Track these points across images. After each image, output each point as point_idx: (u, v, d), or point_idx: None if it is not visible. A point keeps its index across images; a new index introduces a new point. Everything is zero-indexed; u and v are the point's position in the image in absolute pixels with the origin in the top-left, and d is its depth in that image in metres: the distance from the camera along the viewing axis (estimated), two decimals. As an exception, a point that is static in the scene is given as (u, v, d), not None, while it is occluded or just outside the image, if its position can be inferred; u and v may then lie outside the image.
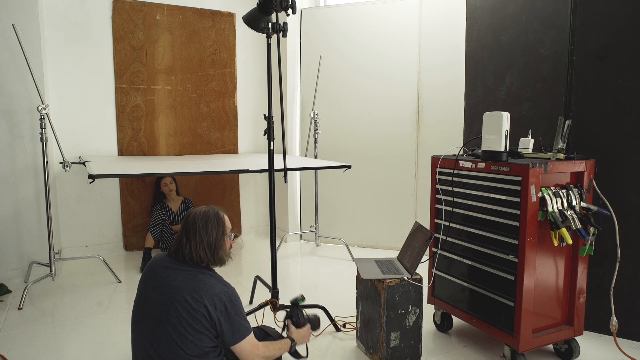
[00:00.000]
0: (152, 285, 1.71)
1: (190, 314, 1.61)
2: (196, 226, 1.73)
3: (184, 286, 1.64)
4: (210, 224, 1.75)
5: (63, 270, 3.81)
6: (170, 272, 1.70)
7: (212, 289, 1.65)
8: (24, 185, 3.62)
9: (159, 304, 1.65)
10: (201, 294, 1.63)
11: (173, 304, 1.62)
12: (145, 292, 1.72)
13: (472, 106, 3.25)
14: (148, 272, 1.76)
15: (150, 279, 1.73)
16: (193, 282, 1.66)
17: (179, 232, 1.77)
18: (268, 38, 2.50)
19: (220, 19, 4.63)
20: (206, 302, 1.62)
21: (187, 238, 1.72)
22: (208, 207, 1.80)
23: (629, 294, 2.55)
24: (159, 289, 1.67)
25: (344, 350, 2.52)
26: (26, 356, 2.44)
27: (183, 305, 1.61)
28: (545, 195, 2.16)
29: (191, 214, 1.77)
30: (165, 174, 3.67)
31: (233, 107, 4.78)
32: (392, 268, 2.42)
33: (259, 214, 5.13)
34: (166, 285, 1.66)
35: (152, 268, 1.76)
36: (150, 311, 1.67)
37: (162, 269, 1.73)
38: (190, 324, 1.61)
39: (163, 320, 1.62)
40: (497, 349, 2.52)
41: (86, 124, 4.14)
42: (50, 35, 3.92)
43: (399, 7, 4.24)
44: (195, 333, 1.62)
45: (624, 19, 2.48)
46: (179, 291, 1.63)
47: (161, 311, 1.63)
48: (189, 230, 1.73)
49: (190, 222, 1.75)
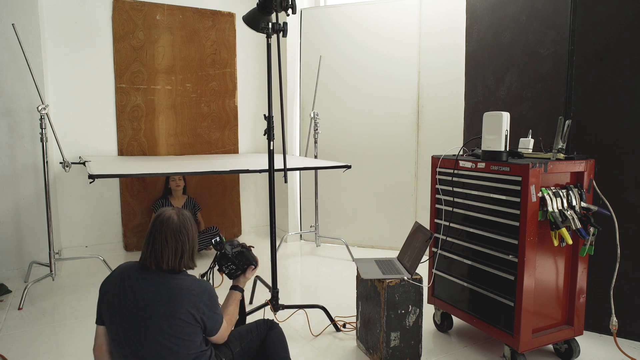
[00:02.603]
0: (125, 300, 1.58)
1: (172, 324, 1.55)
2: (175, 233, 1.64)
3: (159, 299, 1.56)
4: (186, 229, 1.67)
5: (63, 270, 3.81)
6: (141, 283, 1.60)
7: (190, 293, 1.59)
8: (24, 185, 3.63)
9: (137, 321, 1.56)
10: (181, 302, 1.57)
11: (152, 319, 1.55)
12: (118, 309, 1.59)
13: (472, 106, 3.25)
14: (118, 281, 1.62)
15: (122, 293, 1.59)
16: (167, 291, 1.58)
17: (149, 240, 1.65)
18: (268, 38, 2.50)
19: (221, 19, 4.63)
20: (189, 309, 1.57)
21: (161, 245, 1.62)
22: (173, 210, 1.71)
23: (629, 294, 2.55)
24: (132, 304, 1.57)
25: (344, 350, 2.52)
26: (26, 356, 2.44)
27: (164, 318, 1.55)
28: (545, 195, 2.16)
29: (162, 222, 1.65)
30: (166, 174, 3.67)
31: (233, 107, 4.78)
32: (392, 268, 2.42)
33: (259, 214, 5.13)
34: (140, 299, 1.57)
35: (123, 278, 1.63)
36: (129, 329, 1.57)
37: (132, 280, 1.61)
38: (174, 335, 1.56)
39: (144, 337, 1.55)
40: (497, 349, 2.52)
41: (86, 124, 4.14)
42: (50, 35, 3.92)
43: (399, 7, 4.24)
44: (182, 343, 1.57)
45: (624, 19, 2.48)
46: (155, 305, 1.55)
47: (140, 328, 1.56)
48: (163, 236, 1.63)
49: (164, 229, 1.64)
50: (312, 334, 2.68)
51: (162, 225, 1.65)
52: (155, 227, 1.65)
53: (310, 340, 2.62)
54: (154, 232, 1.64)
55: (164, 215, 1.67)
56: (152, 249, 1.63)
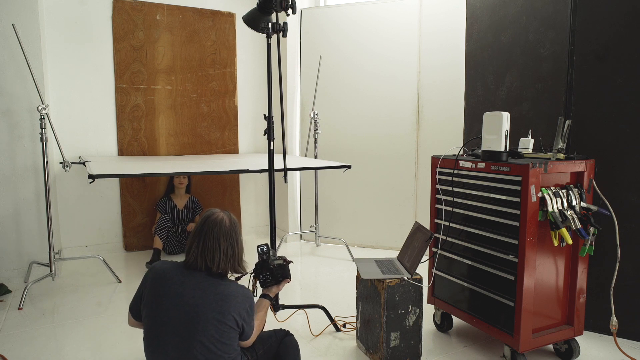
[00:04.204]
0: (167, 305, 1.57)
1: (218, 329, 1.57)
2: (227, 236, 1.63)
3: (207, 304, 1.56)
4: (237, 233, 1.67)
5: (63, 270, 3.81)
6: (185, 289, 1.58)
7: (235, 299, 1.60)
8: (24, 185, 3.63)
9: (181, 325, 1.55)
10: (228, 309, 1.58)
11: (199, 324, 1.55)
12: (160, 312, 1.58)
13: (472, 106, 3.25)
14: (157, 285, 1.62)
15: (164, 297, 1.59)
16: (214, 297, 1.57)
17: (199, 241, 1.62)
18: (268, 38, 2.50)
19: (221, 19, 4.63)
20: (234, 315, 1.59)
21: (213, 247, 1.60)
22: (223, 212, 1.68)
23: (629, 294, 2.55)
24: (177, 308, 1.56)
25: (344, 350, 2.52)
26: (26, 356, 2.43)
27: (211, 324, 1.55)
28: (545, 195, 2.16)
29: (215, 223, 1.63)
30: (166, 174, 3.67)
31: (233, 107, 4.78)
32: (392, 268, 2.42)
33: (259, 214, 5.13)
34: (185, 304, 1.56)
35: (163, 282, 1.61)
36: (171, 333, 1.57)
37: (176, 285, 1.59)
38: (220, 340, 1.58)
39: (189, 341, 1.55)
40: (497, 349, 2.52)
41: (86, 124, 4.14)
42: (50, 35, 3.91)
43: (399, 7, 4.24)
44: (224, 347, 1.59)
45: (624, 19, 2.48)
46: (203, 310, 1.55)
47: (185, 332, 1.55)
48: (215, 238, 1.61)
49: (217, 230, 1.62)
50: (312, 334, 2.68)
51: (214, 227, 1.62)
52: (206, 228, 1.62)
53: (310, 340, 2.62)
54: (206, 232, 1.61)
55: (216, 217, 1.64)
56: (202, 249, 1.61)
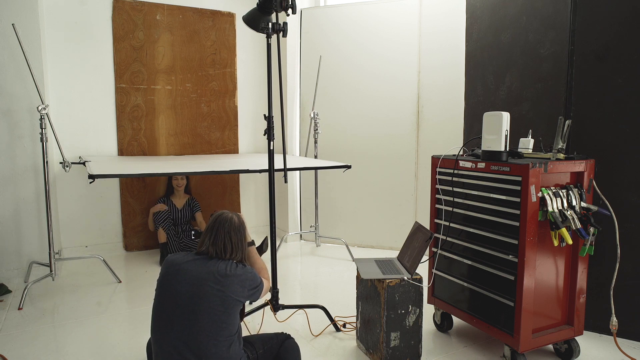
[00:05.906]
0: (177, 280, 1.75)
1: (223, 302, 1.71)
2: (236, 231, 1.89)
3: (212, 277, 1.73)
4: (242, 229, 1.93)
5: (63, 270, 3.81)
6: (193, 266, 1.78)
7: (239, 277, 1.79)
8: (24, 185, 3.62)
9: (189, 297, 1.71)
10: (232, 282, 1.76)
11: (204, 292, 1.70)
12: (170, 289, 1.76)
13: (472, 106, 3.25)
14: (170, 270, 1.80)
15: (174, 275, 1.77)
16: (219, 273, 1.76)
17: (211, 235, 1.87)
18: (268, 38, 2.50)
19: (221, 19, 4.63)
20: (237, 286, 1.76)
21: (224, 240, 1.85)
22: (232, 213, 1.94)
23: (629, 294, 2.55)
24: (187, 281, 1.73)
25: (344, 350, 2.52)
26: (26, 356, 2.44)
27: (214, 288, 1.71)
28: (545, 195, 2.16)
29: (226, 220, 1.90)
30: (165, 174, 3.67)
31: (233, 107, 4.78)
32: (392, 268, 2.42)
33: (259, 214, 5.13)
34: (194, 274, 1.74)
35: (174, 265, 1.81)
36: (179, 307, 1.71)
37: (186, 263, 1.79)
38: (225, 312, 1.72)
39: (195, 313, 1.69)
40: (497, 349, 2.52)
41: (86, 124, 4.14)
42: (50, 35, 3.91)
43: (399, 7, 4.24)
44: (228, 318, 1.72)
45: (624, 19, 2.48)
46: (208, 276, 1.73)
47: (192, 304, 1.70)
48: (227, 232, 1.87)
49: (228, 225, 1.88)
50: (312, 334, 2.68)
51: (225, 222, 1.88)
52: (218, 224, 1.87)
53: (310, 340, 2.62)
54: (217, 228, 1.86)
55: (226, 216, 1.91)
56: (214, 241, 1.85)
